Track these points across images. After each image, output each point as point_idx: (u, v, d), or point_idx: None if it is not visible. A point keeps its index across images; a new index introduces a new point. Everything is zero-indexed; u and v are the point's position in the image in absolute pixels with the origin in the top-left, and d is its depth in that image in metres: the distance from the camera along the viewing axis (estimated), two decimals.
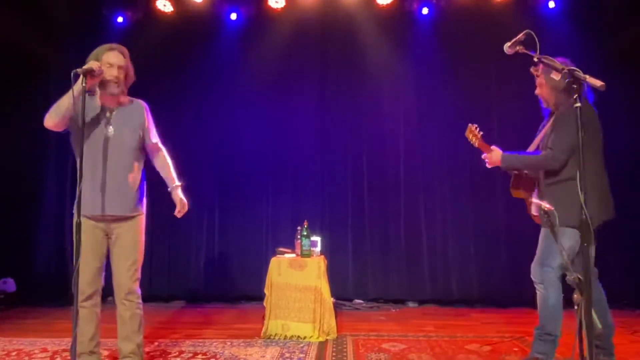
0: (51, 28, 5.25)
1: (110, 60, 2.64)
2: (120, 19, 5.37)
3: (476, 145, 2.86)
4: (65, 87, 2.43)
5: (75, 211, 2.25)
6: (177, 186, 2.88)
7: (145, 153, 2.84)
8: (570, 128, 2.32)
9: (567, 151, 2.57)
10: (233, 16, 5.34)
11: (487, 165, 2.85)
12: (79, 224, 2.23)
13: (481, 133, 2.86)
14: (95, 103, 2.62)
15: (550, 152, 2.61)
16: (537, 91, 2.82)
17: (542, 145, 2.75)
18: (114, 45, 2.72)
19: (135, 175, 2.68)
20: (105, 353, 3.12)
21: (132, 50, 5.23)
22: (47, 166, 5.35)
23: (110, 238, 2.64)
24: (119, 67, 2.66)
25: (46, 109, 2.53)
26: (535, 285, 2.79)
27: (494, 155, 2.78)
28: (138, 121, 2.73)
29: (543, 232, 2.76)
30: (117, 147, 2.61)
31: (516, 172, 2.89)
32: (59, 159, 5.27)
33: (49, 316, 4.47)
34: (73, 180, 4.92)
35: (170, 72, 5.26)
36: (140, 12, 5.35)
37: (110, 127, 2.61)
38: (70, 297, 2.34)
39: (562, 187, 2.61)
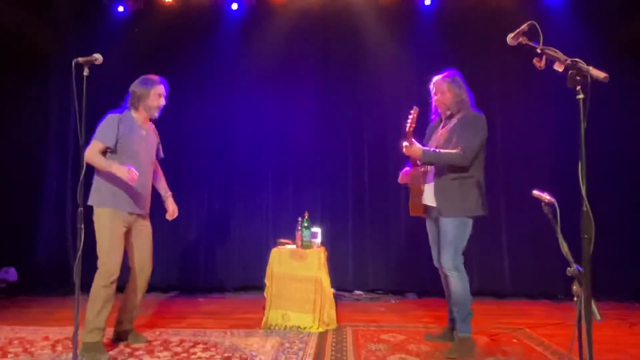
0: (51, 17, 5.23)
1: (162, 92, 3.18)
2: (120, 9, 5.34)
3: (408, 129, 2.99)
4: (66, 76, 2.47)
5: (107, 204, 2.96)
6: (170, 194, 3.44)
7: None
8: (479, 130, 2.93)
9: (475, 151, 2.92)
10: (234, 6, 5.31)
11: (404, 150, 3.00)
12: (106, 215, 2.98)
13: (414, 126, 3.00)
14: (133, 117, 3.12)
15: (463, 150, 2.89)
16: (437, 98, 3.13)
17: (442, 146, 3.02)
18: (159, 78, 3.20)
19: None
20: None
21: (132, 40, 5.26)
22: (48, 156, 5.35)
23: (132, 229, 3.11)
24: (165, 97, 3.21)
25: (48, 98, 2.61)
26: (448, 273, 2.99)
27: (414, 149, 2.96)
28: (156, 140, 3.34)
29: (449, 222, 2.97)
30: (148, 158, 3.21)
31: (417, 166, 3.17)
32: (60, 148, 5.28)
33: (50, 305, 4.49)
34: (75, 170, 4.93)
35: (170, 62, 5.22)
36: (141, 1, 5.32)
37: (143, 142, 3.15)
38: (72, 285, 2.39)
39: (462, 182, 2.96)
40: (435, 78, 3.16)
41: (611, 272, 4.54)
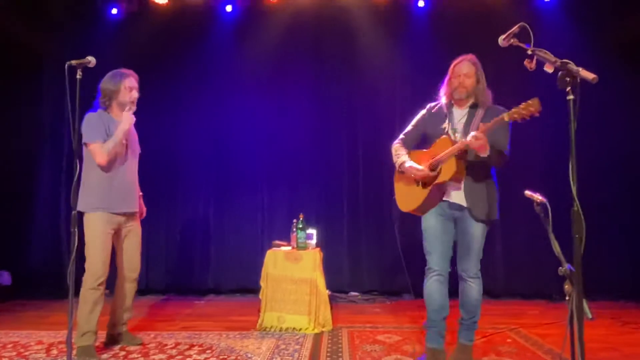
0: (44, 19, 5.20)
1: (132, 84, 3.08)
2: (114, 11, 5.32)
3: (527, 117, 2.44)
4: (59, 78, 2.47)
5: (97, 208, 2.94)
6: (141, 195, 3.36)
7: None
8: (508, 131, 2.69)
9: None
10: (228, 8, 5.31)
11: (476, 143, 2.49)
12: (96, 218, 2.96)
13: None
14: (110, 116, 3.05)
15: (508, 152, 2.70)
16: (460, 81, 2.75)
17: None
18: (127, 70, 3.11)
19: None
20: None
21: (126, 43, 5.24)
22: (42, 159, 5.32)
23: (121, 231, 3.10)
24: (137, 90, 3.11)
25: (40, 100, 2.62)
26: (470, 280, 2.76)
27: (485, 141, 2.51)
28: (136, 135, 3.25)
29: (479, 227, 2.72)
30: (133, 154, 3.16)
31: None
32: (54, 151, 5.25)
33: (44, 308, 4.48)
34: (69, 173, 4.91)
35: (165, 64, 5.23)
36: (135, 4, 5.29)
37: (125, 140, 3.05)
38: (66, 289, 2.39)
39: (490, 185, 2.76)
40: (462, 58, 2.83)
41: (603, 271, 4.58)
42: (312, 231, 3.99)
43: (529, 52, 2.01)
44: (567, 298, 1.77)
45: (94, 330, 2.93)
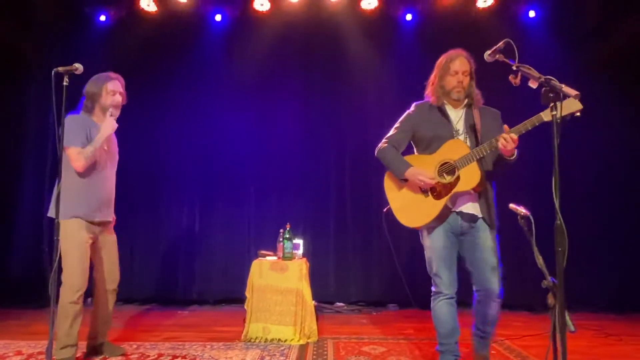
0: (32, 26, 5.16)
1: (115, 88, 3.01)
2: (102, 18, 5.30)
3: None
4: (46, 85, 2.45)
5: (73, 215, 2.83)
6: None
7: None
8: None
9: None
10: (218, 17, 5.33)
11: (511, 145, 2.31)
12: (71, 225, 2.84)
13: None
14: (92, 120, 2.99)
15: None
16: (460, 80, 2.57)
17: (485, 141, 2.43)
18: (113, 74, 3.05)
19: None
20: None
21: (114, 50, 5.21)
22: (26, 166, 5.24)
23: (97, 241, 3.01)
24: (121, 94, 3.05)
25: (27, 107, 2.59)
26: (493, 301, 2.48)
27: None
28: (116, 143, 3.19)
29: (493, 236, 2.49)
30: (112, 161, 3.09)
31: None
32: (38, 158, 5.18)
33: (24, 318, 4.38)
34: (53, 181, 4.84)
35: (153, 72, 5.22)
36: (123, 11, 5.29)
37: (106, 145, 3.00)
38: (48, 298, 2.35)
39: (491, 191, 2.57)
40: (456, 53, 2.61)
41: (586, 283, 4.64)
42: (299, 241, 3.98)
43: (514, 67, 2.06)
44: (550, 310, 1.80)
45: (74, 343, 2.87)
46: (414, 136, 2.72)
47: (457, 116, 2.62)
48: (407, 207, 2.63)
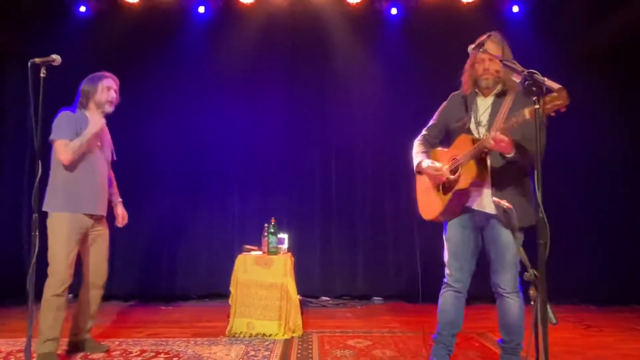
0: (8, 16, 5.02)
1: (110, 85, 3.06)
2: (82, 9, 5.18)
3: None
4: (24, 77, 2.39)
5: (64, 209, 2.87)
6: (120, 201, 3.31)
7: None
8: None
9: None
10: (201, 9, 5.24)
11: (498, 144, 2.20)
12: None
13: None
14: (86, 116, 2.99)
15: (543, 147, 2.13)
16: (486, 67, 2.40)
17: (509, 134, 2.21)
18: (108, 73, 3.11)
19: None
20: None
21: (94, 42, 5.09)
22: (3, 160, 5.12)
23: (88, 235, 3.00)
24: (115, 91, 3.09)
25: (4, 100, 2.52)
26: (508, 296, 2.44)
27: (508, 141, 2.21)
28: (109, 139, 3.22)
29: (511, 235, 2.33)
30: (104, 157, 3.11)
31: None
32: (17, 152, 5.07)
33: (4, 315, 4.29)
34: (32, 175, 4.74)
35: (135, 64, 5.11)
36: (104, 2, 5.19)
37: (99, 141, 3.04)
38: (26, 294, 2.31)
39: (524, 185, 2.41)
40: (484, 37, 2.31)
41: (567, 276, 4.70)
42: (284, 236, 3.96)
43: (498, 61, 2.06)
44: (532, 303, 1.81)
45: (57, 337, 2.84)
46: (447, 127, 2.64)
47: (485, 106, 2.47)
48: (423, 199, 2.68)
